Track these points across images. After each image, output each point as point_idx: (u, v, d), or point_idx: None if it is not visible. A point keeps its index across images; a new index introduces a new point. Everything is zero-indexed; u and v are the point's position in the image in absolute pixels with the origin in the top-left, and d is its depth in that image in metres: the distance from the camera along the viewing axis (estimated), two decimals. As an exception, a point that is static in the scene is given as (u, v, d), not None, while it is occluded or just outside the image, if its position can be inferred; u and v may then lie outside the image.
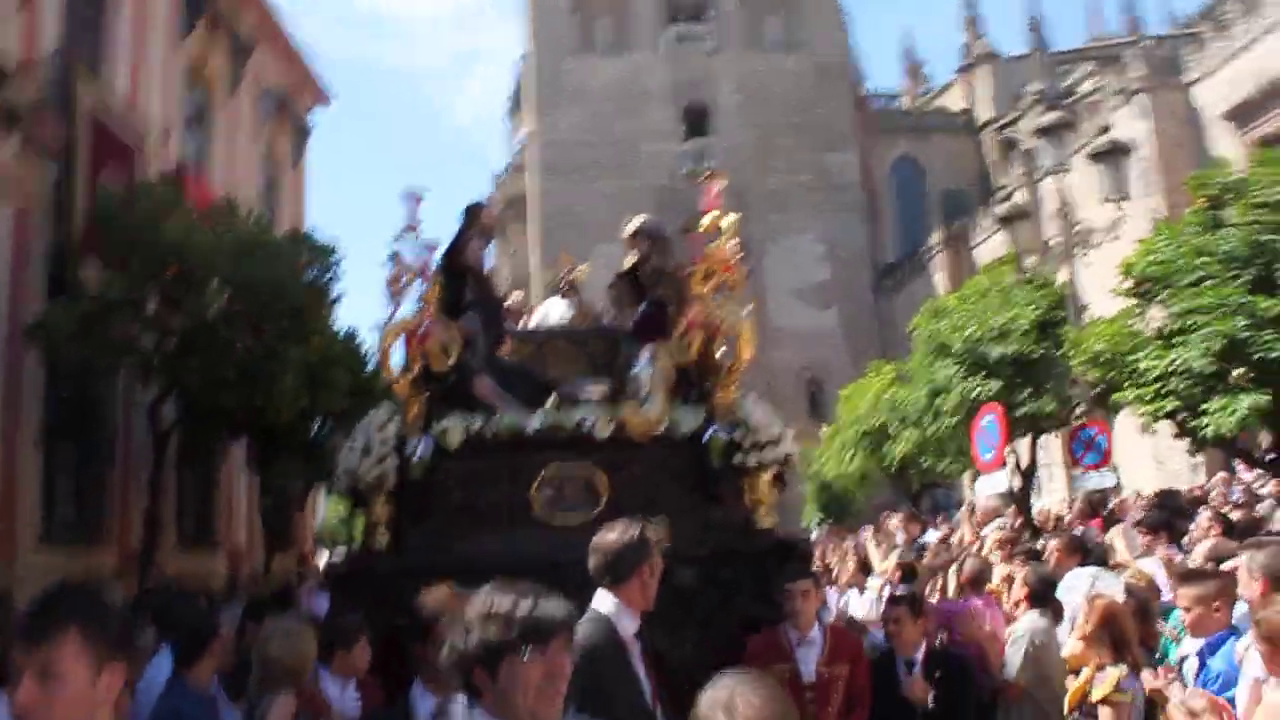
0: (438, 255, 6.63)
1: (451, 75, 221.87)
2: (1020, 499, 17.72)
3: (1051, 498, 24.01)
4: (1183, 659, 5.05)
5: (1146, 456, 24.16)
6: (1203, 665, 4.70)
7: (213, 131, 19.70)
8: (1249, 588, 4.64)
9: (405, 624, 4.95)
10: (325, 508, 32.12)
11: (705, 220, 6.72)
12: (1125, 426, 17.53)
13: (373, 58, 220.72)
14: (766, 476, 6.49)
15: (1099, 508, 13.93)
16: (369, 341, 15.16)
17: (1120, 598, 5.72)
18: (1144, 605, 5.92)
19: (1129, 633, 5.05)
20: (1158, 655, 5.61)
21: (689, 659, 5.14)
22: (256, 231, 12.99)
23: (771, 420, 6.58)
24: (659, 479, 6.38)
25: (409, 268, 6.46)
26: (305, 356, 11.83)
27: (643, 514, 5.66)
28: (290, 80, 23.58)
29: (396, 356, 6.48)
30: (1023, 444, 17.65)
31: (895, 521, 13.07)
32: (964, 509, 13.82)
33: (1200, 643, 4.78)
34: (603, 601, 3.90)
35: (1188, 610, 4.84)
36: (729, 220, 6.70)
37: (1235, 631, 4.61)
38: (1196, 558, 6.74)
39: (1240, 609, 4.79)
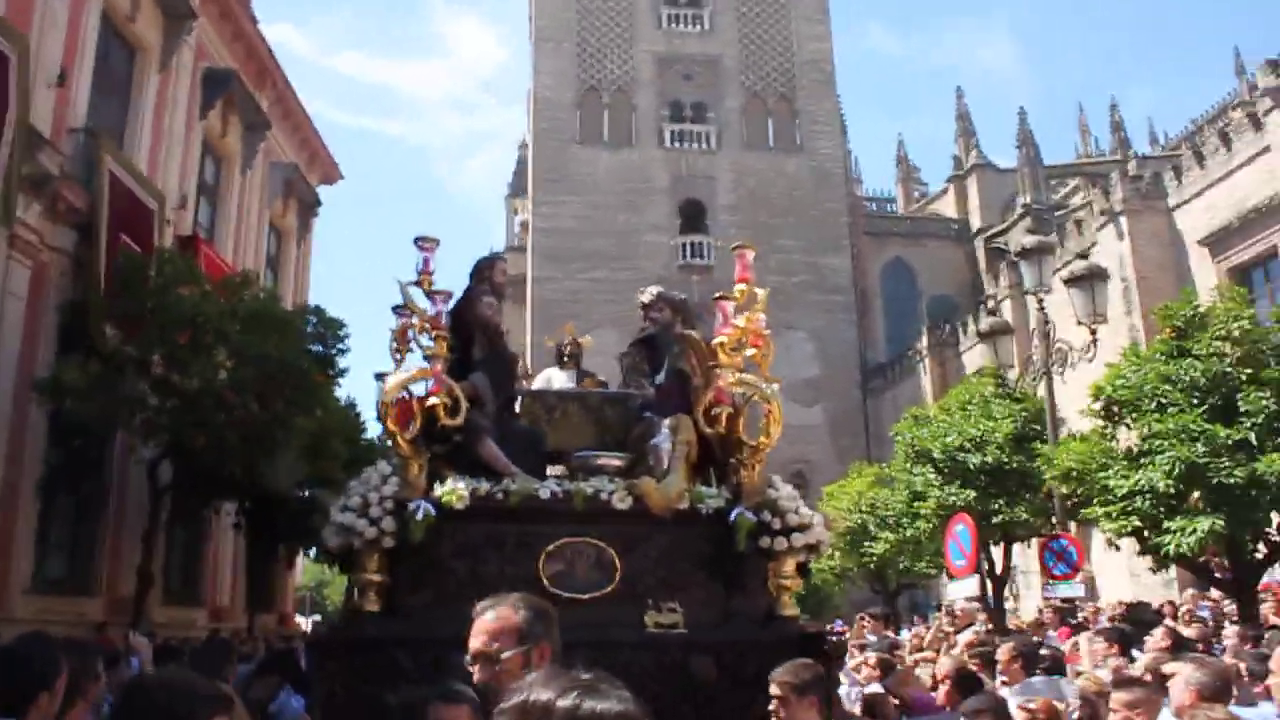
0: (449, 306, 6.24)
1: (457, 153, 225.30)
2: (995, 604, 18.14)
3: (1030, 604, 24.35)
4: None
5: (1122, 569, 24.53)
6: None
7: (225, 203, 20.34)
8: (1181, 696, 5.05)
9: (393, 702, 4.58)
10: (302, 571, 32.17)
11: (737, 290, 6.36)
12: (1102, 539, 18.00)
13: (379, 132, 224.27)
14: (792, 563, 6.06)
15: (1067, 616, 14.35)
16: (366, 413, 15.59)
17: (1074, 702, 6.12)
18: (1094, 711, 6.34)
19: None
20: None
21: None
22: (267, 303, 13.48)
23: (799, 503, 6.15)
24: (676, 559, 5.99)
25: (418, 318, 6.06)
26: (308, 427, 12.26)
27: (657, 595, 5.77)
28: (301, 157, 24.38)
29: (398, 413, 6.04)
30: (997, 551, 18.12)
31: (866, 624, 13.45)
32: (943, 611, 14.16)
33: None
34: None
35: (1115, 712, 5.25)
36: (762, 292, 6.40)
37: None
38: (1138, 668, 7.11)
39: (1164, 716, 5.19)
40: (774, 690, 4.68)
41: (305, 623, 24.85)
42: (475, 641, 2.83)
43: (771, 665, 5.01)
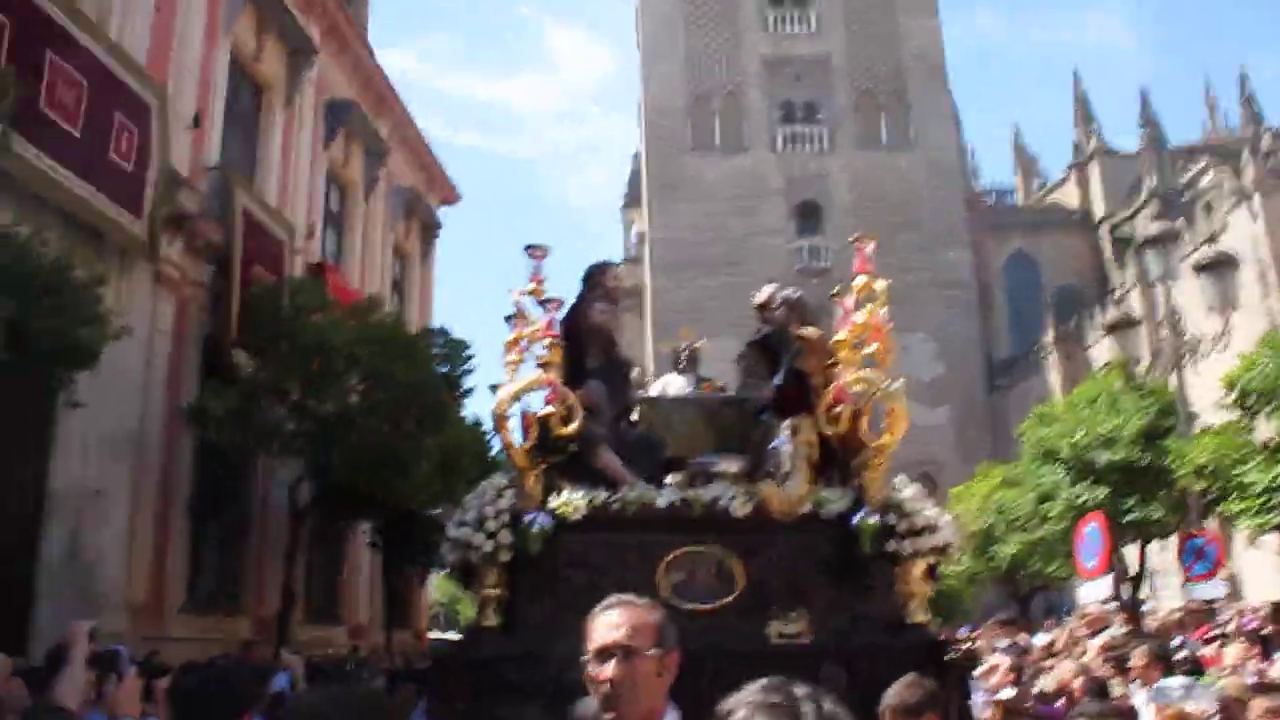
0: (561, 314, 6.16)
1: (569, 166, 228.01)
2: (1130, 605, 17.67)
3: (1168, 604, 23.61)
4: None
5: (1270, 566, 23.58)
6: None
7: (350, 230, 21.10)
8: None
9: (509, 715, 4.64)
10: (436, 588, 32.99)
11: (856, 283, 6.12)
12: (1243, 536, 17.39)
13: (491, 150, 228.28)
14: (921, 566, 5.87)
15: (1207, 617, 13.92)
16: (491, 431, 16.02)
17: (1209, 710, 6.02)
18: (1231, 715, 6.21)
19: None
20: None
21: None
22: (394, 327, 13.98)
23: (926, 505, 5.96)
24: (800, 565, 5.82)
25: (531, 326, 5.97)
26: (439, 446, 12.70)
27: (781, 603, 5.62)
28: (420, 180, 25.11)
29: (514, 423, 5.99)
30: (1131, 551, 17.65)
31: (996, 630, 13.26)
32: (1075, 615, 13.89)
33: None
34: None
35: (1255, 718, 5.16)
36: (881, 285, 6.10)
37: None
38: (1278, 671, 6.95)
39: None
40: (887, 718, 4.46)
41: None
42: (610, 634, 2.57)
43: (902, 674, 4.78)
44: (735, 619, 5.62)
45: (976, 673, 10.10)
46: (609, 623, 2.61)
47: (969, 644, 6.24)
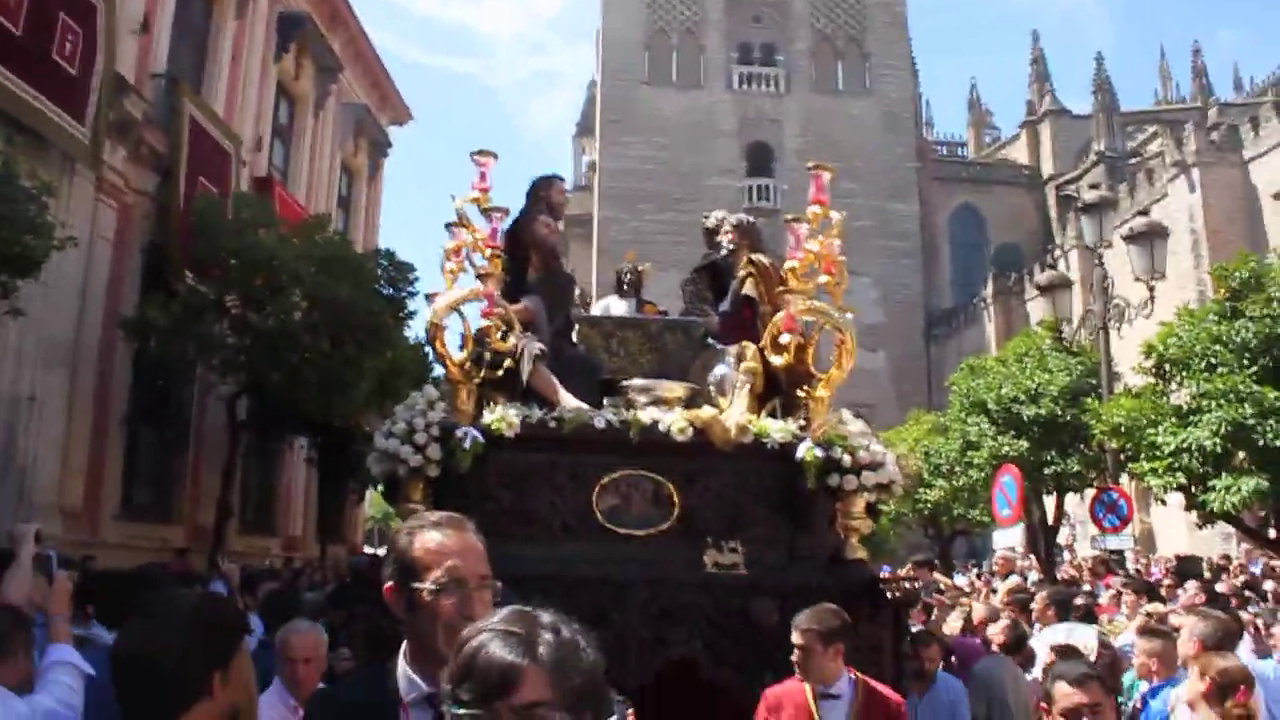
0: (504, 225, 5.90)
1: (526, 91, 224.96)
2: (1044, 553, 18.38)
3: (1087, 553, 24.52)
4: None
5: (1180, 522, 24.54)
6: (1145, 705, 5.47)
7: (298, 145, 20.88)
8: (1185, 647, 5.37)
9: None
10: (371, 504, 33.13)
11: (810, 212, 5.85)
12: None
13: (448, 69, 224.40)
14: (862, 503, 5.64)
15: (1114, 567, 14.58)
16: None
17: (1091, 649, 6.50)
18: (1114, 656, 6.75)
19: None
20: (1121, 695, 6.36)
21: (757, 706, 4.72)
22: (340, 246, 13.99)
23: (871, 440, 5.74)
24: (739, 496, 5.60)
25: (472, 236, 5.70)
26: (379, 367, 12.81)
27: (717, 534, 5.41)
28: (372, 98, 24.81)
29: (450, 335, 5.71)
30: (1050, 501, 18.32)
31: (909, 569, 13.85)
32: (1000, 558, 14.49)
33: (1144, 685, 5.56)
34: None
35: (1136, 659, 5.63)
36: (838, 216, 5.87)
37: (1173, 681, 5.34)
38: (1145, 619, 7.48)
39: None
40: (797, 639, 4.58)
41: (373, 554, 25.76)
42: (455, 561, 2.32)
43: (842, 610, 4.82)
44: (670, 547, 5.43)
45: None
46: (447, 547, 2.35)
47: (909, 582, 5.82)
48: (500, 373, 5.70)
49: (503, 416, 5.47)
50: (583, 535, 5.44)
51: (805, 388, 5.78)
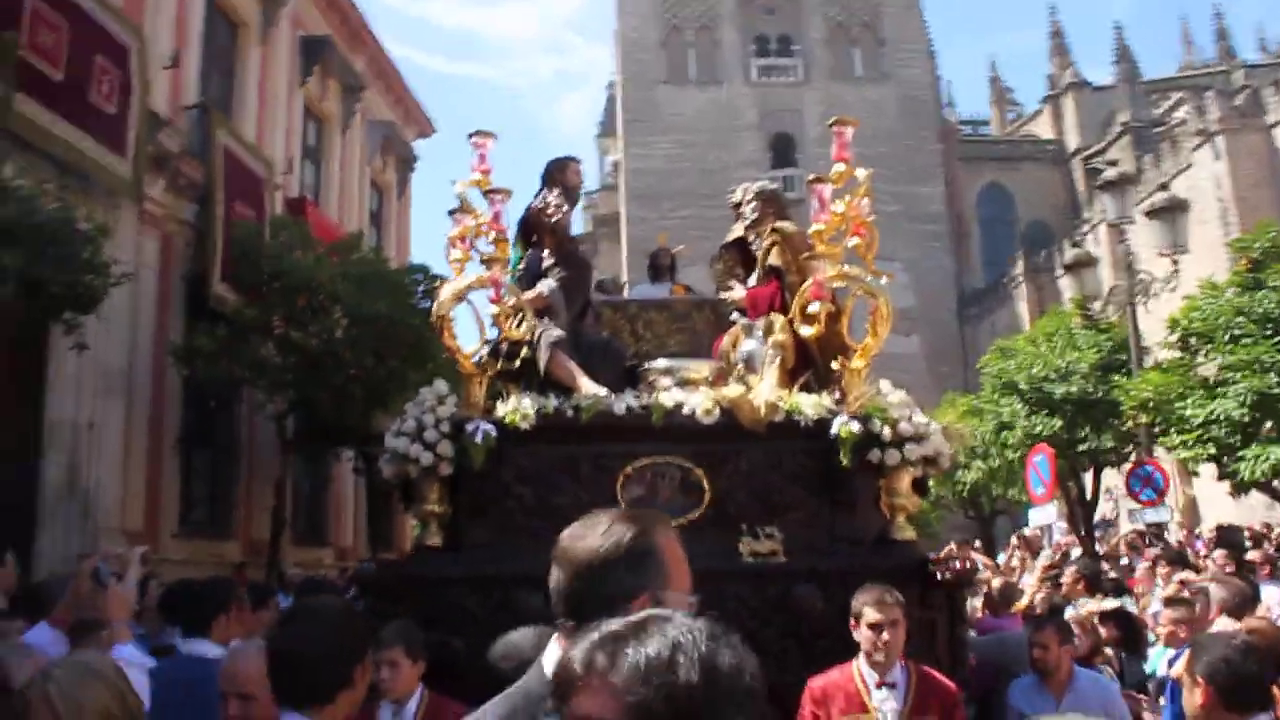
0: (509, 206, 5.59)
1: (548, 94, 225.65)
2: (1083, 528, 18.52)
3: (1129, 527, 24.60)
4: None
5: (1222, 492, 24.52)
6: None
7: (328, 164, 21.33)
8: (1206, 612, 5.64)
9: (461, 647, 4.32)
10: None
11: (834, 171, 5.49)
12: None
13: (469, 77, 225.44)
14: (907, 478, 5.28)
15: (1152, 541, 14.72)
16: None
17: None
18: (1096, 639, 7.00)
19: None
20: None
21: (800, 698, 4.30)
22: (376, 264, 14.40)
23: (914, 410, 5.33)
24: (773, 478, 5.25)
25: (477, 220, 5.41)
26: (421, 380, 13.21)
27: (753, 520, 5.09)
28: (397, 114, 25.27)
29: (460, 326, 5.53)
30: (1086, 478, 18.49)
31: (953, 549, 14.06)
32: (1014, 537, 14.67)
33: (1170, 653, 5.83)
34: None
35: (1163, 626, 5.90)
36: (864, 173, 5.46)
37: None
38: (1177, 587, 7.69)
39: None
40: (877, 615, 4.10)
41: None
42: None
43: None
44: (702, 536, 4.92)
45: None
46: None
47: (962, 563, 5.32)
48: (517, 363, 5.44)
49: (517, 408, 5.19)
50: (607, 529, 5.25)
51: (840, 359, 5.43)
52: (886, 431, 5.14)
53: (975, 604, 9.30)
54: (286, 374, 13.09)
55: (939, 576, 5.00)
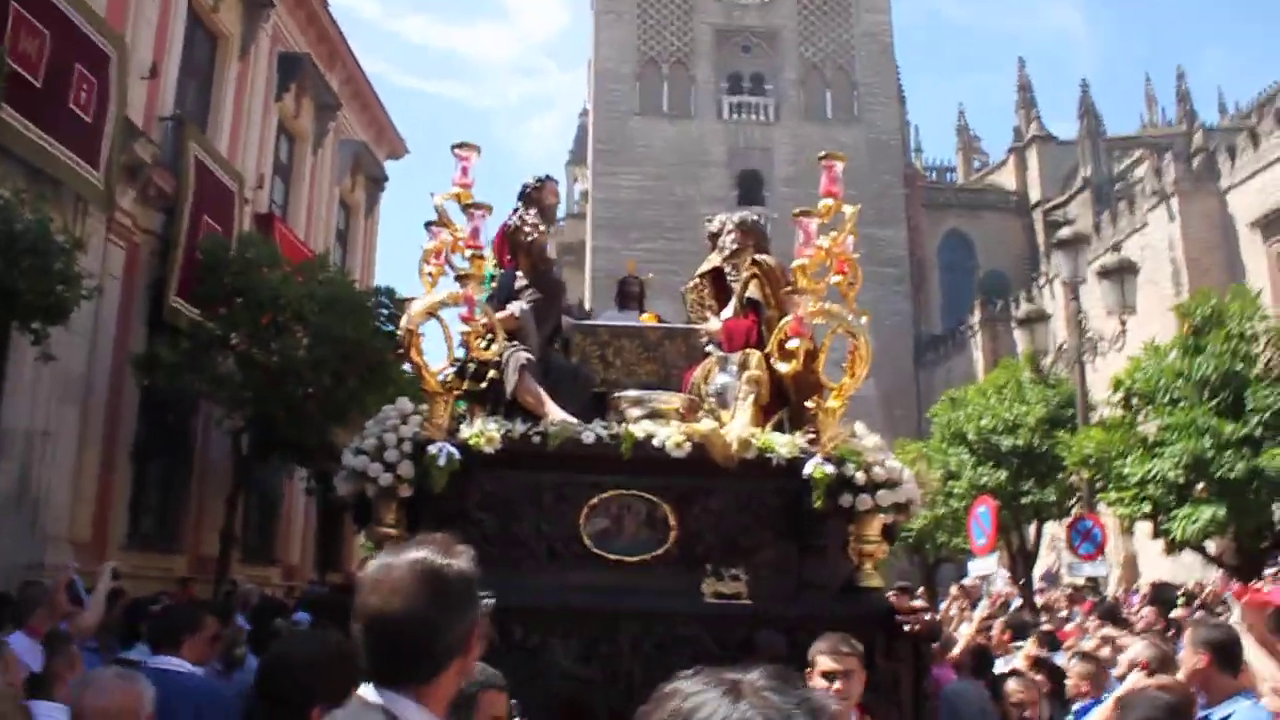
0: (489, 222, 5.49)
1: (518, 117, 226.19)
2: (1024, 579, 18.88)
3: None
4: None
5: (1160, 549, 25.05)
6: (1076, 720, 6.05)
7: (298, 182, 21.42)
8: (1192, 659, 4.86)
9: None
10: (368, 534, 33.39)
11: (822, 205, 5.41)
12: (1131, 522, 18.64)
13: (440, 95, 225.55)
14: (878, 524, 5.20)
15: (1088, 594, 15.10)
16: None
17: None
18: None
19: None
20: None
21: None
22: (342, 286, 14.51)
23: (888, 455, 5.31)
24: (741, 517, 5.14)
25: (452, 235, 5.30)
26: (380, 402, 13.31)
27: (718, 560, 4.97)
28: (369, 134, 25.40)
29: (425, 343, 5.41)
30: (1029, 530, 18.91)
31: (892, 596, 14.32)
32: (954, 587, 14.95)
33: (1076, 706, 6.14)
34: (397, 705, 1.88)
35: (1068, 680, 6.22)
36: (851, 210, 5.39)
37: (1099, 702, 5.88)
38: (1090, 644, 7.98)
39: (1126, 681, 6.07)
40: (831, 664, 3.82)
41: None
42: None
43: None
44: (666, 574, 5.05)
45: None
46: None
47: (929, 613, 5.24)
48: (484, 384, 5.30)
49: (482, 431, 5.08)
50: (569, 562, 5.01)
51: (815, 398, 5.36)
52: (860, 475, 5.08)
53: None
54: (246, 390, 13.15)
55: (905, 627, 4.95)
